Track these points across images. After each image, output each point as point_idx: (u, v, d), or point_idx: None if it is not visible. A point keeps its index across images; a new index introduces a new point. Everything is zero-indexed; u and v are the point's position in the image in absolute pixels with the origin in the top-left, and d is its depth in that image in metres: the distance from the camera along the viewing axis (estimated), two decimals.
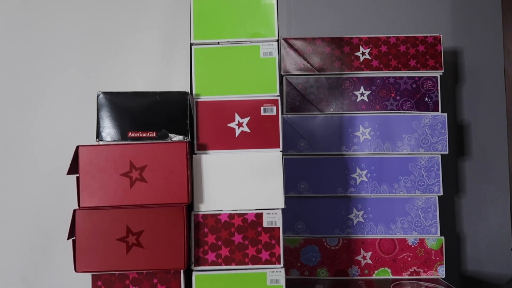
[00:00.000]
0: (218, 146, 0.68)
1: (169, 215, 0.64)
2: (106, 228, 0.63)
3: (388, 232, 0.89)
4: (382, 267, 0.88)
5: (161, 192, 0.64)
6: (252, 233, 0.66)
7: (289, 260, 0.89)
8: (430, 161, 0.89)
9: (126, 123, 0.66)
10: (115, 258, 0.63)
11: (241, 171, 0.67)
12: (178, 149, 0.65)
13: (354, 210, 0.89)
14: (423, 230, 0.89)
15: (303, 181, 0.90)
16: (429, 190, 0.89)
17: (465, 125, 1.03)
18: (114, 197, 0.64)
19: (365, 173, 0.89)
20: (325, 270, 0.89)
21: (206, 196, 0.67)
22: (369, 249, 0.89)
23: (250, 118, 0.68)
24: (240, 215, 0.66)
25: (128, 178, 0.64)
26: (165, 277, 0.65)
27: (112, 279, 0.64)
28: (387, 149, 0.89)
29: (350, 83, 0.91)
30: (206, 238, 0.66)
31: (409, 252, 0.88)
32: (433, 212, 0.89)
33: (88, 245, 0.63)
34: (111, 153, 0.64)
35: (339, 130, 0.90)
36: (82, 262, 0.63)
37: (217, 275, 0.65)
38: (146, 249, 0.63)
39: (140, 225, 0.63)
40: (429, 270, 0.88)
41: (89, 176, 0.64)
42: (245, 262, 0.66)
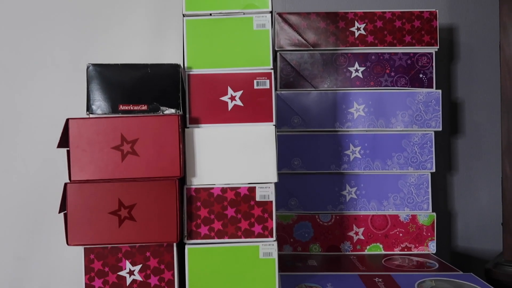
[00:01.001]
0: (211, 119, 0.67)
1: (161, 188, 0.63)
2: (97, 202, 0.63)
3: (380, 208, 0.90)
4: (374, 243, 0.89)
5: (153, 166, 0.63)
6: (245, 206, 0.66)
7: (282, 236, 0.90)
8: (423, 138, 0.89)
9: (117, 96, 0.65)
10: (107, 231, 0.63)
11: (234, 145, 0.66)
12: (170, 122, 0.64)
13: (347, 187, 0.90)
14: (415, 207, 0.89)
15: (297, 157, 0.89)
16: (422, 167, 0.89)
17: (459, 103, 1.02)
18: (106, 171, 0.63)
19: (359, 149, 0.89)
20: (318, 245, 0.90)
21: (198, 170, 0.66)
22: (361, 225, 0.89)
23: (243, 92, 0.67)
24: (233, 189, 0.66)
25: (120, 151, 0.63)
26: (157, 250, 0.65)
27: (105, 253, 0.64)
28: (381, 126, 0.89)
29: (344, 59, 0.90)
30: (199, 211, 0.66)
31: (401, 228, 0.89)
32: (425, 188, 0.89)
33: (80, 218, 0.63)
34: (101, 126, 0.63)
35: (333, 107, 0.89)
36: (74, 235, 0.63)
37: (210, 248, 0.65)
38: (139, 223, 0.63)
39: (132, 198, 0.63)
40: (420, 246, 0.89)
41: (80, 149, 0.63)
42: (238, 236, 0.66)
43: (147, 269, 0.65)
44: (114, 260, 0.64)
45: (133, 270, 0.64)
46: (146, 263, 0.65)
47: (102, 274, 0.64)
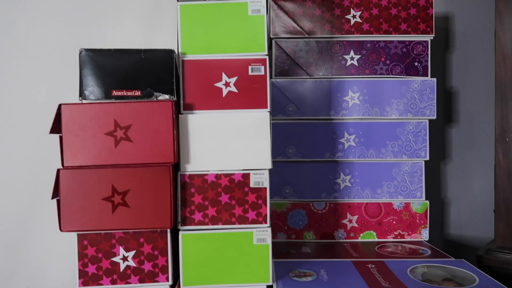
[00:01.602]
0: (205, 106, 0.67)
1: (155, 174, 0.63)
2: (91, 188, 0.62)
3: (374, 196, 0.90)
4: (368, 230, 0.90)
5: (147, 152, 0.63)
6: (239, 193, 0.66)
7: (276, 224, 0.90)
8: (417, 126, 0.89)
9: (110, 82, 0.64)
10: (100, 217, 0.62)
11: (228, 132, 0.66)
12: (164, 108, 0.63)
13: (342, 175, 0.90)
14: (409, 194, 0.90)
15: (291, 145, 0.89)
16: (416, 155, 0.89)
17: (454, 92, 1.03)
18: (99, 157, 0.63)
19: (353, 138, 0.89)
20: (312, 233, 0.90)
21: (192, 156, 0.66)
22: (355, 213, 0.90)
23: (237, 78, 0.67)
24: (227, 175, 0.66)
25: (113, 137, 0.63)
26: (151, 236, 0.65)
27: (98, 239, 0.64)
28: (376, 114, 0.89)
29: (340, 47, 0.90)
30: (193, 198, 0.66)
31: (394, 216, 0.90)
32: (419, 176, 0.90)
33: (73, 204, 0.62)
34: (94, 111, 0.63)
35: (328, 95, 0.89)
36: (67, 221, 0.62)
37: (204, 235, 0.65)
38: (132, 209, 0.63)
39: (125, 184, 0.63)
40: (413, 233, 0.90)
41: (73, 135, 0.63)
42: (232, 222, 0.66)
43: (141, 255, 0.65)
44: (107, 246, 0.64)
45: (126, 256, 0.64)
46: (140, 249, 0.65)
47: (95, 260, 0.64)
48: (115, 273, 0.64)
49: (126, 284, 0.64)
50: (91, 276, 0.64)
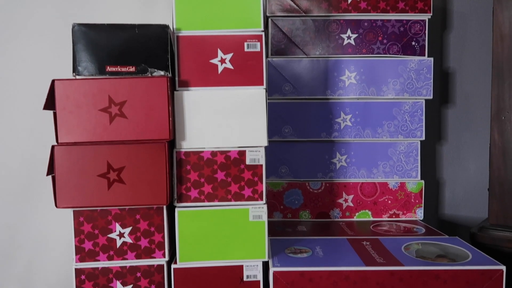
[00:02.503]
0: (200, 82, 0.66)
1: (150, 151, 0.63)
2: (86, 164, 0.62)
3: (370, 176, 0.90)
4: (363, 210, 0.91)
5: (142, 128, 0.63)
6: (235, 170, 0.66)
7: (272, 203, 0.90)
8: (414, 106, 0.89)
9: (104, 57, 0.63)
10: (96, 194, 0.62)
11: (224, 109, 0.66)
12: (159, 84, 0.63)
13: (338, 155, 0.90)
14: (404, 174, 0.90)
15: (287, 125, 0.89)
16: (412, 135, 0.90)
17: (451, 73, 1.02)
18: (93, 133, 0.62)
19: (349, 117, 0.89)
20: (308, 212, 0.91)
21: (188, 134, 0.66)
22: (350, 193, 0.90)
23: (233, 54, 0.66)
24: (223, 152, 0.66)
25: (107, 113, 0.62)
26: (147, 213, 0.65)
27: (94, 215, 0.64)
28: (372, 94, 0.89)
29: (337, 26, 0.89)
30: (189, 175, 0.66)
31: (389, 195, 0.90)
32: (415, 156, 0.90)
33: (68, 181, 0.62)
34: (88, 87, 0.62)
35: (324, 74, 0.89)
36: (62, 198, 0.62)
37: (200, 211, 0.66)
38: (128, 185, 0.63)
39: (121, 161, 0.63)
40: (408, 213, 0.91)
41: (66, 111, 0.62)
42: (228, 199, 0.66)
43: (137, 231, 0.65)
44: (103, 222, 0.64)
45: (123, 232, 0.65)
46: (136, 225, 0.65)
47: (92, 236, 0.64)
48: (112, 249, 0.64)
49: (123, 260, 0.65)
50: (87, 252, 0.64)
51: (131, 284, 0.65)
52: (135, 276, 0.65)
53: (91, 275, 0.64)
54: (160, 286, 0.65)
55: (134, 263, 0.65)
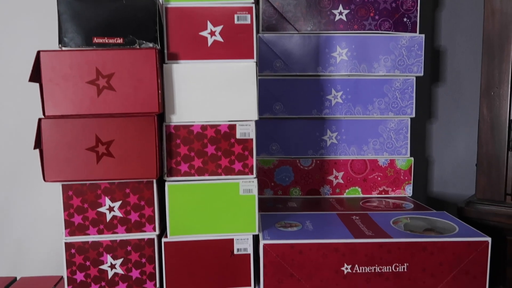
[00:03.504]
0: (190, 55, 0.65)
1: (139, 125, 0.62)
2: (74, 138, 0.61)
3: (360, 153, 0.91)
4: (353, 187, 0.91)
5: (131, 101, 0.62)
6: (225, 144, 0.66)
7: (263, 180, 0.90)
8: (404, 83, 0.89)
9: (91, 28, 0.62)
10: (85, 167, 0.62)
11: (214, 82, 0.65)
12: (147, 56, 0.62)
13: (328, 132, 0.90)
14: (394, 151, 0.91)
15: (278, 102, 0.89)
16: (402, 112, 0.90)
17: (442, 51, 1.02)
18: (81, 106, 0.61)
19: (340, 94, 0.89)
20: (298, 189, 0.91)
21: (177, 107, 0.65)
22: (341, 169, 0.91)
23: (223, 27, 0.65)
24: (213, 126, 0.65)
25: (95, 86, 0.61)
26: (137, 187, 0.65)
27: (83, 189, 0.64)
28: (363, 70, 0.88)
29: (328, 1, 0.88)
30: (179, 149, 0.65)
31: (379, 172, 0.91)
32: (405, 133, 0.91)
33: (56, 154, 0.61)
34: (75, 59, 0.61)
35: (315, 51, 0.88)
36: (50, 171, 0.62)
37: (190, 185, 0.66)
38: (117, 159, 0.62)
39: (109, 134, 0.62)
40: (397, 189, 0.92)
41: (53, 83, 0.61)
42: (218, 173, 0.66)
43: (127, 205, 0.65)
44: (93, 196, 0.64)
45: (113, 206, 0.64)
46: (126, 199, 0.64)
47: (81, 210, 0.64)
48: (102, 223, 0.64)
49: (113, 234, 0.65)
50: (77, 226, 0.64)
51: (121, 257, 0.65)
52: (125, 250, 0.65)
53: (81, 249, 0.64)
54: (151, 259, 0.65)
55: (124, 237, 0.65)
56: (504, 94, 0.74)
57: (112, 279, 0.65)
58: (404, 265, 0.65)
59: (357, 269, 0.64)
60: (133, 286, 0.65)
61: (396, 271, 0.65)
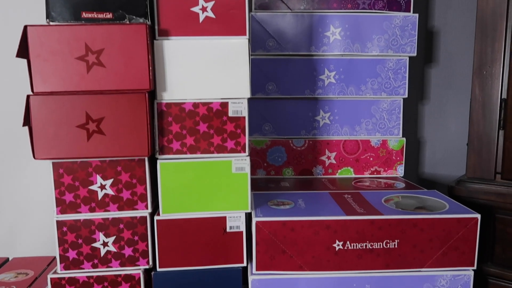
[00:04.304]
0: (181, 32, 0.64)
1: (130, 102, 0.61)
2: (63, 115, 0.61)
3: (352, 133, 0.91)
4: (345, 167, 0.92)
5: (121, 78, 0.61)
6: (217, 122, 0.65)
7: (255, 161, 0.90)
8: (398, 63, 0.89)
9: (79, 2, 0.60)
10: (75, 145, 0.61)
11: (206, 59, 0.64)
12: (138, 32, 0.60)
13: (321, 112, 0.90)
14: (386, 132, 0.91)
15: (271, 82, 0.88)
16: (395, 92, 0.90)
17: (435, 32, 1.02)
18: (70, 82, 0.60)
19: (333, 74, 0.89)
20: (291, 169, 0.91)
21: (169, 84, 0.64)
22: (333, 150, 0.91)
23: (214, 3, 0.64)
24: (205, 104, 0.65)
25: (84, 62, 0.60)
26: (129, 164, 0.64)
27: (74, 167, 0.63)
28: (357, 50, 0.88)
29: None
30: (170, 127, 0.65)
31: (371, 153, 0.92)
32: (397, 114, 0.91)
33: (46, 132, 0.60)
34: (63, 34, 0.59)
35: (309, 30, 0.87)
36: (40, 149, 0.61)
37: (182, 163, 0.65)
38: (108, 137, 0.62)
39: (100, 112, 0.61)
40: (389, 169, 0.92)
41: (41, 59, 0.60)
42: (210, 151, 0.66)
43: (119, 183, 0.64)
44: (84, 174, 0.63)
45: (104, 184, 0.64)
46: (118, 177, 0.64)
47: (72, 188, 0.64)
48: (93, 201, 0.64)
49: (104, 211, 0.64)
50: (68, 204, 0.64)
51: (114, 235, 0.65)
52: (118, 228, 0.65)
53: (73, 227, 0.64)
54: (144, 237, 0.65)
55: (116, 215, 0.65)
56: (496, 73, 0.74)
57: (104, 256, 0.65)
58: (395, 241, 0.66)
59: (348, 245, 0.65)
60: (126, 263, 0.66)
61: (387, 247, 0.66)
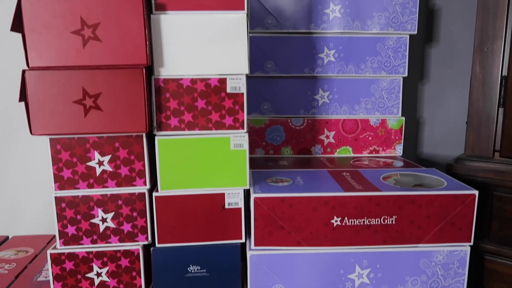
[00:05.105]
0: (178, 6, 0.63)
1: (127, 77, 0.61)
2: (60, 90, 0.60)
3: (352, 112, 0.90)
4: (344, 146, 0.92)
5: (118, 52, 0.60)
6: (216, 98, 0.65)
7: (254, 140, 0.90)
8: (398, 41, 0.88)
9: None
10: (72, 121, 0.61)
11: (203, 34, 0.63)
12: (134, 5, 0.59)
13: (320, 91, 0.89)
14: (385, 111, 0.91)
15: (270, 60, 0.87)
16: (395, 71, 0.89)
17: (436, 10, 1.00)
18: (66, 57, 0.60)
19: (333, 53, 0.88)
20: (289, 148, 0.91)
21: (166, 60, 0.63)
22: (332, 129, 0.91)
23: None
24: (203, 80, 0.64)
25: (80, 36, 0.59)
26: (127, 141, 0.64)
27: (72, 143, 0.63)
28: (356, 28, 0.87)
29: None
30: (168, 103, 0.64)
31: (370, 132, 0.91)
32: (397, 93, 0.90)
33: (42, 107, 0.60)
34: (58, 7, 0.58)
35: (308, 7, 0.86)
36: (37, 124, 0.60)
37: (181, 140, 0.65)
38: (105, 112, 0.61)
39: (97, 87, 0.60)
40: (388, 149, 0.92)
41: (36, 33, 0.59)
42: (209, 128, 0.65)
43: (116, 159, 0.64)
44: (82, 150, 0.63)
45: (102, 160, 0.64)
46: (116, 153, 0.64)
47: (70, 164, 0.63)
48: (92, 178, 0.64)
49: (103, 188, 0.64)
50: (66, 180, 0.64)
51: (112, 211, 0.65)
52: (116, 204, 0.65)
53: (71, 203, 0.64)
54: (142, 213, 0.66)
55: (114, 191, 0.65)
56: (497, 50, 0.73)
57: (103, 232, 0.65)
58: (393, 217, 0.66)
59: (346, 221, 0.65)
60: (125, 239, 0.66)
61: (385, 223, 0.66)
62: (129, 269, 0.66)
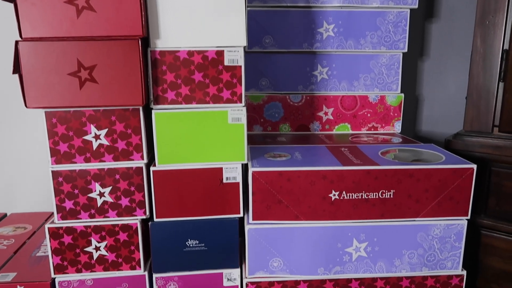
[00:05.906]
0: None
1: (123, 48, 0.59)
2: (54, 62, 0.59)
3: (350, 89, 0.90)
4: (343, 123, 0.91)
5: (113, 23, 0.59)
6: (213, 71, 0.64)
7: (252, 117, 0.90)
8: (398, 16, 0.86)
9: None
10: (68, 93, 0.60)
11: (201, 5, 0.62)
12: None
13: (319, 67, 0.88)
14: (385, 87, 0.90)
15: (268, 35, 0.86)
16: (395, 47, 0.88)
17: None
18: (60, 28, 0.58)
19: (332, 27, 0.86)
20: (288, 125, 0.91)
21: (162, 32, 0.62)
22: (331, 106, 0.90)
23: None
24: (200, 52, 0.63)
25: (74, 6, 0.58)
26: (123, 114, 0.63)
27: (68, 116, 0.62)
28: (356, 2, 0.85)
29: None
30: (165, 76, 0.63)
31: (369, 109, 0.91)
32: (396, 69, 0.89)
33: (37, 80, 0.59)
34: None
35: None
36: (32, 97, 0.59)
37: (178, 113, 0.64)
38: (101, 85, 0.60)
39: (92, 59, 0.59)
40: (386, 126, 0.92)
41: (28, 3, 0.57)
42: (206, 101, 0.65)
43: (113, 133, 0.63)
44: (78, 124, 0.63)
45: (99, 134, 0.63)
46: (112, 127, 0.63)
47: (66, 138, 0.63)
48: (88, 151, 0.63)
49: (100, 162, 0.64)
50: (63, 154, 0.63)
51: (110, 186, 0.65)
52: (114, 178, 0.65)
53: (68, 177, 0.64)
54: (140, 188, 0.65)
55: (112, 165, 0.64)
56: (499, 23, 0.72)
57: (101, 207, 0.65)
58: (391, 191, 0.66)
59: (344, 195, 0.65)
60: (123, 213, 0.66)
61: (383, 197, 0.66)
62: (127, 243, 0.66)
